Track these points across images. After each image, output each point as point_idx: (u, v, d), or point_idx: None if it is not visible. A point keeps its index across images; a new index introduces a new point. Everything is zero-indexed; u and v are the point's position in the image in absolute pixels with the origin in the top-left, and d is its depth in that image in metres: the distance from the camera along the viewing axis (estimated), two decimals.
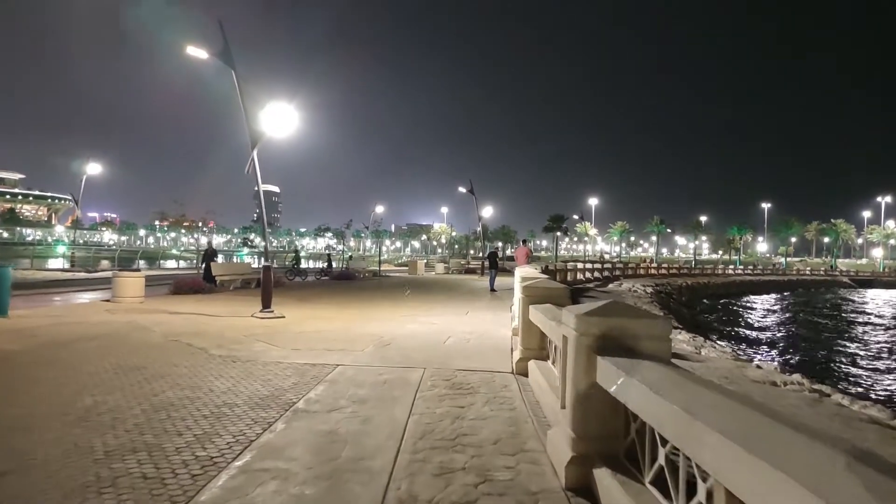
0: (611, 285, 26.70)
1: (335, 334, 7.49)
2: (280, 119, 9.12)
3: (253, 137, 9.23)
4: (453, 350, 6.48)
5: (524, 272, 8.53)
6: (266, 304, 9.28)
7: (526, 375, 5.24)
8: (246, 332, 7.55)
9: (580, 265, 28.63)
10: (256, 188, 9.38)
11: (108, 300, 11.05)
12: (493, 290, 16.58)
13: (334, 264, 27.06)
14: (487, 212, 31.46)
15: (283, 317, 9.18)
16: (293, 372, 5.12)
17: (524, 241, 16.36)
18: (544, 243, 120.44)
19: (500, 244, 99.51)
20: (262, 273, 9.42)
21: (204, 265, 15.65)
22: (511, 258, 40.00)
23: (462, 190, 28.96)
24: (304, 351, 6.21)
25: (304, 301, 12.43)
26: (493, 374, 5.29)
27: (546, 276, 8.82)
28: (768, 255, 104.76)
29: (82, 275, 22.63)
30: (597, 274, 31.06)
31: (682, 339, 10.11)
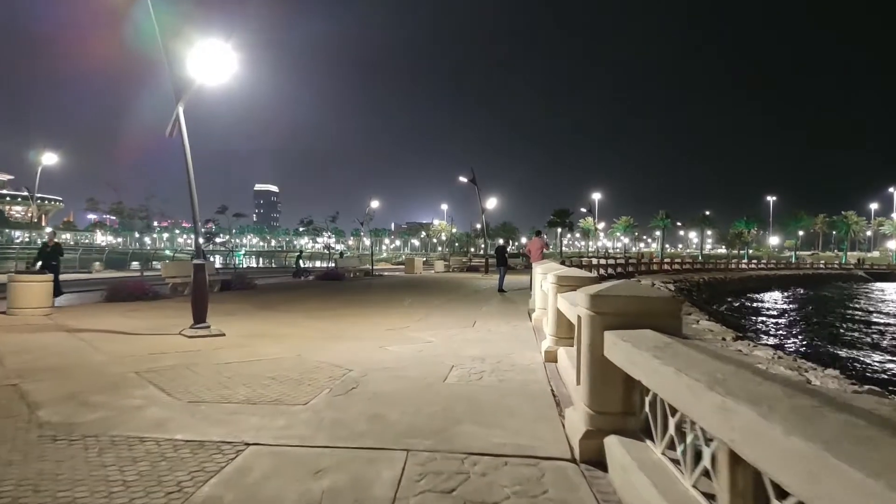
0: None
1: (279, 366, 4.96)
2: (213, 61, 6.57)
3: (177, 87, 6.69)
4: (458, 399, 3.94)
5: (558, 270, 6.00)
6: (198, 318, 6.74)
7: (602, 465, 2.72)
8: (146, 364, 5.01)
9: (594, 261, 26.19)
10: (186, 160, 6.82)
11: (3, 312, 8.50)
12: (502, 290, 14.06)
13: (303, 263, 24.27)
14: (491, 203, 28.92)
15: (222, 334, 6.65)
16: (144, 472, 2.59)
17: (538, 233, 13.84)
18: (546, 238, 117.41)
19: (501, 241, 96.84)
20: (193, 275, 6.87)
21: (39, 267, 10.36)
22: (515, 255, 37.38)
23: (463, 180, 26.37)
24: (207, 407, 3.68)
25: (266, 308, 9.89)
26: (536, 462, 2.76)
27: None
28: (776, 250, 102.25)
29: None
30: (610, 270, 28.64)
31: (762, 356, 7.58)
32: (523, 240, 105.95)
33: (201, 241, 7.73)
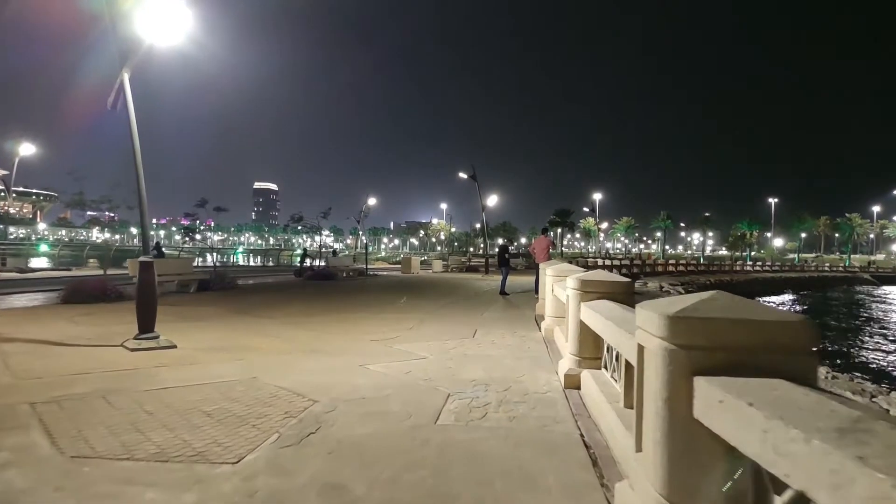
0: (636, 283, 23.15)
1: (226, 394, 3.85)
2: (164, 17, 5.46)
3: (123, 48, 5.57)
4: (455, 452, 2.84)
5: (580, 273, 4.91)
6: (144, 327, 5.62)
7: None
8: (55, 390, 3.91)
9: (599, 262, 25.14)
10: (132, 136, 5.68)
11: None
12: (504, 293, 12.96)
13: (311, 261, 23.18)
14: (492, 200, 27.74)
15: (173, 346, 5.54)
16: None
17: (545, 231, 12.73)
18: None
19: (502, 241, 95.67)
20: (137, 275, 5.72)
21: None
22: (516, 255, 36.27)
23: (463, 176, 25.22)
24: (95, 467, 2.57)
25: (241, 312, 8.77)
26: None
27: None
28: (778, 252, 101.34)
29: (11, 275, 19.09)
30: (615, 272, 27.64)
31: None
32: (523, 240, 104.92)
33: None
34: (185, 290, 11.99)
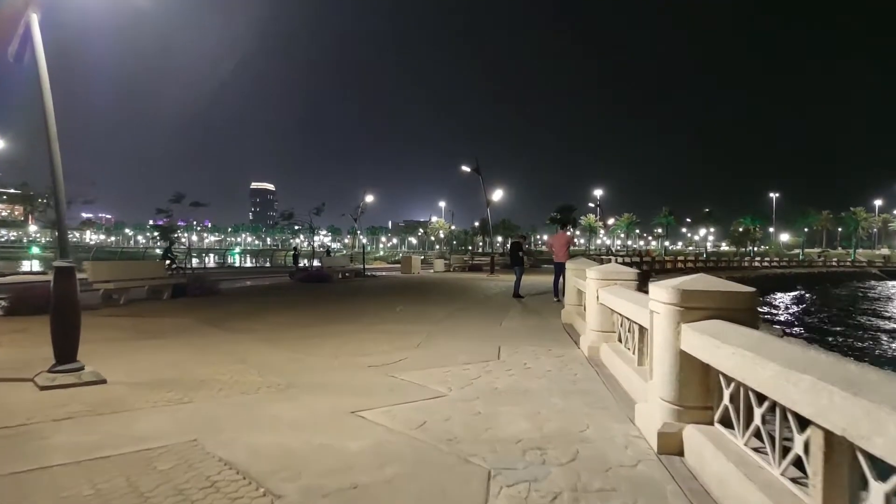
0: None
1: (131, 481, 2.41)
2: None
3: None
4: None
5: (676, 281, 3.43)
6: (63, 355, 4.16)
7: None
8: None
9: (613, 259, 23.75)
10: (43, 98, 4.22)
11: None
12: (518, 295, 11.54)
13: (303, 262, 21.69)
14: (497, 195, 26.22)
15: (101, 381, 4.09)
16: None
17: (564, 226, 11.34)
18: (546, 237, 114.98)
19: (500, 239, 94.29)
20: (52, 286, 4.25)
21: None
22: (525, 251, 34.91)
23: (466, 169, 23.73)
24: None
25: (213, 324, 7.31)
26: None
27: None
28: (783, 247, 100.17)
29: None
30: None
31: None
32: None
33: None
34: (157, 296, 10.54)
